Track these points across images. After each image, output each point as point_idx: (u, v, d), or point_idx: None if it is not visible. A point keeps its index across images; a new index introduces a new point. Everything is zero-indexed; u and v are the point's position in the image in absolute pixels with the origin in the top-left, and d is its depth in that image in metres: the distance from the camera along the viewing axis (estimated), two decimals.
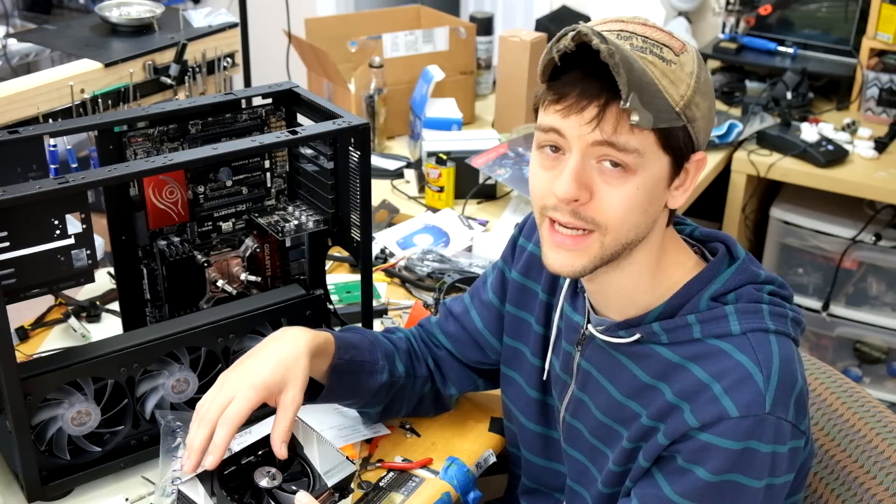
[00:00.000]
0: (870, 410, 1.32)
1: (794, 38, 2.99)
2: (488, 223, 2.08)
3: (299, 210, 1.50)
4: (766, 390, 1.00)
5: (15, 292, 1.20)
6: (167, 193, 1.41)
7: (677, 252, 1.11)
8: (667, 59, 0.98)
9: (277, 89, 1.48)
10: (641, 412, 1.08)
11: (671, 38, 1.01)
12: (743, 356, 1.02)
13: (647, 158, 0.99)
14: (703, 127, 1.02)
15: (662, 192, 1.03)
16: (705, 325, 1.05)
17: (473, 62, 2.70)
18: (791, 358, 1.04)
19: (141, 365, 1.29)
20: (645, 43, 0.99)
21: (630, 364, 1.10)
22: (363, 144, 1.36)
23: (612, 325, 1.12)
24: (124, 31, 2.08)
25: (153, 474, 1.33)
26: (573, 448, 1.22)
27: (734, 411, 1.00)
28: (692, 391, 1.03)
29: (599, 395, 1.15)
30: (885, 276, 2.71)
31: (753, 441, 1.00)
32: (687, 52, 1.00)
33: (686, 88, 0.98)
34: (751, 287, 1.08)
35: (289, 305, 1.39)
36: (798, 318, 1.10)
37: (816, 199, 2.70)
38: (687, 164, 1.03)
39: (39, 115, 1.75)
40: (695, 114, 1.00)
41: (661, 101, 0.97)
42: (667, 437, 1.04)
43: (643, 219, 1.03)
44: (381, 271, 1.86)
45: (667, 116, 0.97)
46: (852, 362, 2.79)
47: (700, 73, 1.00)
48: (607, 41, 0.93)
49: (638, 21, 1.02)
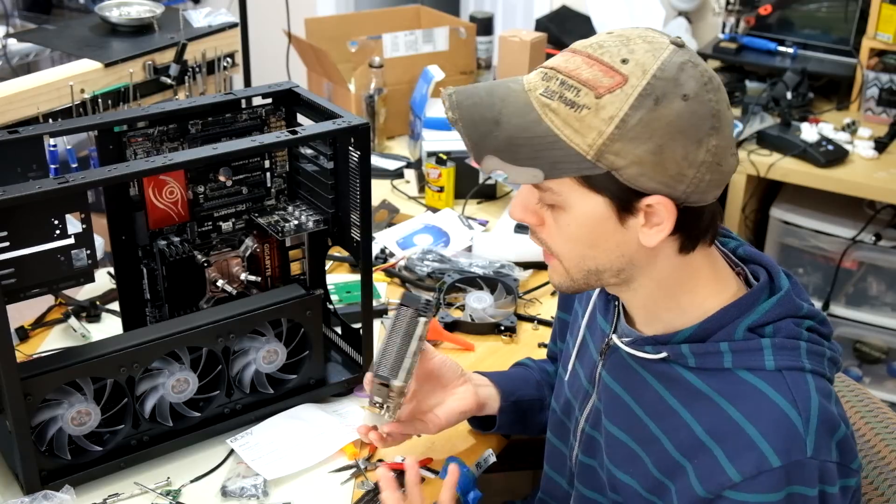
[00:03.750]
0: (872, 410, 1.32)
1: (794, 38, 2.99)
2: (488, 223, 2.08)
3: (299, 210, 1.50)
4: (805, 434, 0.94)
5: (15, 292, 1.20)
6: (167, 193, 1.41)
7: (711, 274, 1.04)
8: (578, 105, 0.91)
9: (277, 89, 1.48)
10: (662, 437, 1.04)
11: (605, 74, 0.92)
12: (779, 396, 0.96)
13: (570, 198, 0.96)
14: (646, 172, 0.92)
15: (615, 229, 0.97)
16: (738, 356, 1.00)
17: (473, 62, 2.70)
18: (829, 399, 0.99)
19: (141, 365, 1.29)
20: (560, 86, 0.93)
21: (656, 384, 1.06)
22: (363, 144, 1.36)
23: (639, 338, 1.08)
24: (124, 31, 2.08)
25: (145, 479, 1.33)
26: (592, 458, 1.19)
27: (775, 460, 0.94)
28: (724, 431, 0.98)
29: (619, 409, 1.11)
30: (885, 276, 2.71)
31: (796, 486, 0.94)
32: (619, 92, 0.90)
33: (597, 136, 0.91)
34: (790, 321, 1.01)
35: (289, 305, 1.39)
36: (835, 358, 1.04)
37: (816, 199, 2.70)
38: (637, 205, 0.95)
39: (39, 115, 1.75)
40: (616, 161, 0.91)
41: (559, 152, 0.93)
42: (703, 486, 0.98)
43: (597, 252, 0.99)
44: (381, 271, 1.86)
45: (574, 166, 0.93)
46: (852, 362, 2.79)
47: (632, 114, 0.90)
48: (460, 107, 0.94)
49: (585, 53, 0.95)
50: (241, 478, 1.32)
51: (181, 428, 1.37)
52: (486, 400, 1.37)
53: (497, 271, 1.82)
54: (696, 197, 0.95)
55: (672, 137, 0.91)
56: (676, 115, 0.91)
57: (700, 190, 0.94)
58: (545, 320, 1.72)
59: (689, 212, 0.96)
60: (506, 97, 0.96)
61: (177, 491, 1.31)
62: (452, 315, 1.71)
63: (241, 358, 1.39)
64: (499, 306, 1.74)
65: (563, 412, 1.26)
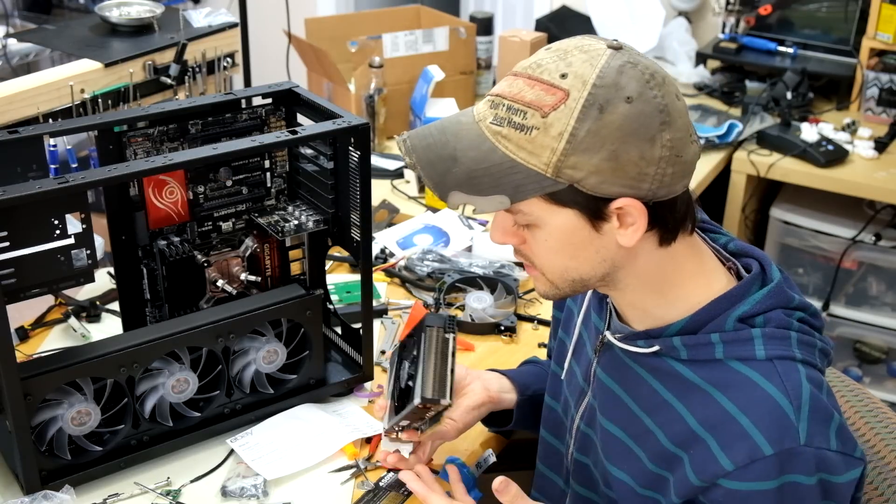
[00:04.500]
0: (872, 410, 1.32)
1: (794, 38, 2.99)
2: (488, 223, 2.08)
3: (299, 210, 1.50)
4: (797, 421, 0.95)
5: (15, 292, 1.20)
6: (167, 193, 1.41)
7: (697, 267, 1.05)
8: (527, 127, 0.93)
9: (277, 89, 1.48)
10: (657, 431, 1.05)
11: (547, 93, 0.93)
12: (770, 385, 0.97)
13: (542, 216, 0.98)
14: (606, 179, 0.93)
15: (591, 237, 0.98)
16: (729, 347, 1.00)
17: (473, 62, 2.70)
18: (820, 388, 0.99)
19: (141, 365, 1.29)
20: (507, 112, 0.95)
21: (649, 378, 1.07)
22: (363, 144, 1.36)
23: (631, 333, 1.09)
24: (124, 31, 2.08)
25: (145, 479, 1.33)
26: (586, 456, 1.19)
27: (767, 448, 0.95)
28: (717, 422, 0.99)
29: (613, 405, 1.12)
30: (885, 276, 2.71)
31: (788, 475, 0.95)
32: (563, 107, 0.92)
33: (551, 154, 0.92)
34: (781, 312, 1.02)
35: (289, 305, 1.39)
36: (826, 350, 1.05)
37: (816, 199, 2.70)
38: (607, 211, 0.96)
39: (39, 115, 1.75)
40: (575, 175, 0.93)
41: (519, 175, 0.94)
42: (697, 476, 0.99)
43: (578, 262, 1.01)
44: (381, 271, 1.86)
45: (536, 185, 0.94)
46: (852, 362, 2.79)
47: (579, 126, 0.91)
48: (416, 151, 0.97)
49: (525, 74, 0.96)
50: (241, 478, 1.32)
51: (181, 428, 1.37)
52: (501, 394, 1.36)
53: (497, 271, 1.82)
54: (664, 191, 0.96)
55: (624, 141, 0.92)
56: (623, 118, 0.92)
57: (665, 184, 0.95)
58: (545, 320, 1.72)
59: (661, 206, 0.97)
60: (458, 132, 0.98)
61: (177, 491, 1.31)
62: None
63: (241, 358, 1.39)
64: (499, 306, 1.74)
65: (563, 411, 1.26)
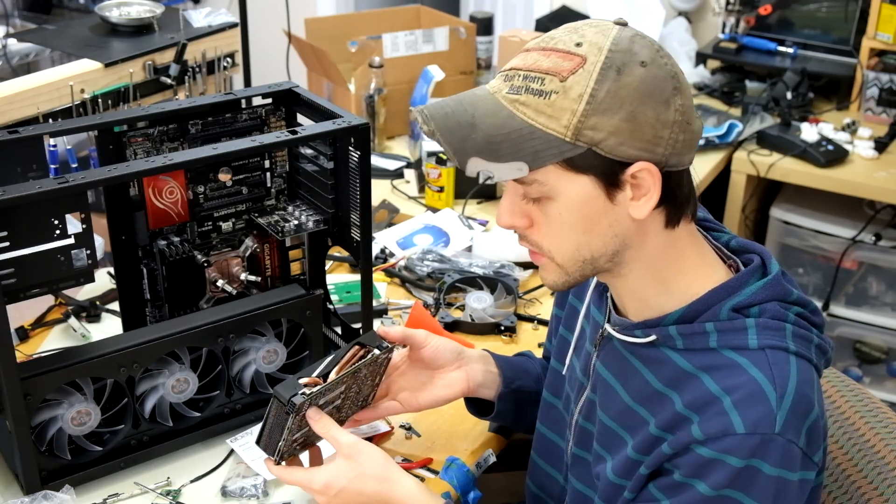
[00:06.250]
0: (872, 410, 1.31)
1: (794, 38, 2.99)
2: (488, 223, 2.08)
3: (299, 210, 1.50)
4: (777, 409, 0.97)
5: (15, 292, 1.20)
6: (167, 193, 1.41)
7: (698, 258, 1.07)
8: (545, 92, 0.95)
9: (277, 89, 1.48)
10: (649, 420, 1.06)
11: (564, 59, 0.96)
12: (758, 372, 0.99)
13: (555, 185, 0.98)
14: (625, 140, 0.95)
15: (605, 208, 0.99)
16: (723, 336, 1.02)
17: (473, 62, 2.70)
18: (809, 383, 1.00)
19: (141, 365, 1.29)
20: (524, 80, 0.97)
21: (643, 369, 1.08)
22: (363, 144, 1.36)
23: (629, 324, 1.10)
24: (124, 31, 2.08)
25: (145, 479, 1.33)
26: (584, 451, 1.20)
27: (740, 427, 0.96)
28: (702, 403, 1.00)
29: (610, 399, 1.13)
30: (885, 276, 2.71)
31: (757, 460, 0.96)
32: (581, 71, 0.95)
33: (571, 116, 0.94)
34: (776, 304, 1.04)
35: (289, 305, 1.39)
36: (824, 347, 1.06)
37: (816, 199, 2.70)
38: (623, 178, 0.98)
39: (39, 115, 1.75)
40: (595, 136, 0.95)
41: (538, 141, 0.95)
42: (671, 447, 1.02)
43: (590, 237, 1.01)
44: (381, 271, 1.86)
45: (556, 150, 0.96)
46: (852, 362, 2.79)
47: (599, 87, 0.94)
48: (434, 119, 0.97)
49: (538, 48, 0.99)
50: (241, 478, 1.32)
51: (181, 428, 1.37)
52: (484, 384, 1.34)
53: (497, 271, 1.82)
54: (675, 159, 0.98)
55: (641, 102, 0.95)
56: (640, 80, 0.95)
57: (677, 151, 0.98)
58: (545, 320, 1.72)
59: (672, 177, 1.00)
60: (475, 102, 0.99)
61: (177, 491, 1.31)
62: (452, 315, 1.71)
63: (241, 358, 1.39)
64: (499, 306, 1.74)
65: (564, 406, 1.27)
